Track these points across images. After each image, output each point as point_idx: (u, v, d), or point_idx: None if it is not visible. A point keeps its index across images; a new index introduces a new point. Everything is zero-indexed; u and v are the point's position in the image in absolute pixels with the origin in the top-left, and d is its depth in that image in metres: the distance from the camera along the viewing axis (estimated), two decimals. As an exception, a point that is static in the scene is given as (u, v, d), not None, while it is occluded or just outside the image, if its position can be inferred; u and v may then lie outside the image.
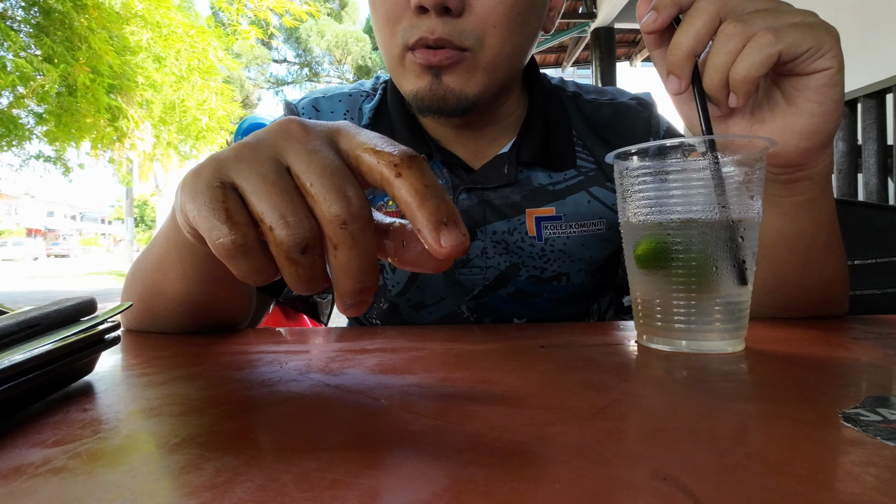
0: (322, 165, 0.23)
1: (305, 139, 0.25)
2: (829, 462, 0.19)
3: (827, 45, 0.36)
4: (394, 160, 0.23)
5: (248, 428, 0.23)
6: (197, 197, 0.24)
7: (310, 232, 0.23)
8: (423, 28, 0.49)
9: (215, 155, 0.25)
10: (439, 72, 0.52)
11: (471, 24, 0.50)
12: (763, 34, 0.35)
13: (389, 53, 0.54)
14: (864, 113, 2.46)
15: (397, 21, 0.51)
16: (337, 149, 0.25)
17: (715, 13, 0.36)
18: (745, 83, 0.36)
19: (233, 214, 0.23)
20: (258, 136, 0.26)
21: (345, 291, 0.24)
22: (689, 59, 0.37)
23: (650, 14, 0.39)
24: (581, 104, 0.66)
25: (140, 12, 5.73)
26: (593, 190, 0.61)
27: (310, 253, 0.23)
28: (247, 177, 0.24)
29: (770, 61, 0.35)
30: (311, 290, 0.25)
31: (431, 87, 0.52)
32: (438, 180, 0.59)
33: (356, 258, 0.23)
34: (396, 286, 0.62)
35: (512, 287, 0.61)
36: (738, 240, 0.34)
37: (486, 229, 0.60)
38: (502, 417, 0.23)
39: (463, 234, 0.23)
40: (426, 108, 0.54)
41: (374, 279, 0.24)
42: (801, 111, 0.39)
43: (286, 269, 0.24)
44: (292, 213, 0.23)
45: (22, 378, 0.23)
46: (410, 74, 0.53)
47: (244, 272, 0.24)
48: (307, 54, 18.56)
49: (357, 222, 0.23)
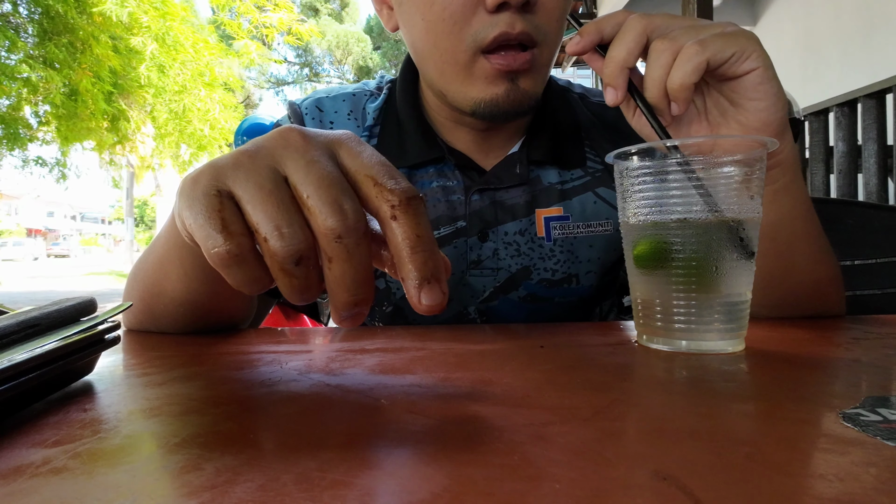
0: (320, 177, 0.23)
1: (304, 149, 0.24)
2: (829, 462, 0.18)
3: (749, 49, 0.39)
4: (392, 200, 0.24)
5: (248, 428, 0.23)
6: (194, 204, 0.23)
7: (304, 244, 0.23)
8: (503, 23, 0.48)
9: (214, 161, 0.25)
10: (516, 76, 0.51)
11: (542, 19, 0.50)
12: (690, 46, 0.39)
13: (451, 59, 0.52)
14: (864, 113, 2.46)
15: (464, 22, 0.49)
16: (336, 160, 0.25)
17: (642, 30, 0.40)
18: (681, 91, 0.39)
19: (228, 224, 0.23)
20: (257, 143, 0.26)
21: (339, 304, 0.24)
22: (622, 71, 0.41)
23: (574, 37, 0.43)
24: (588, 105, 0.66)
25: (146, 23, 5.73)
26: (600, 191, 0.61)
27: (304, 264, 0.23)
28: (244, 186, 0.23)
29: (700, 68, 0.38)
30: (306, 300, 0.24)
31: (509, 94, 0.52)
32: (451, 182, 0.60)
33: (351, 271, 0.23)
34: (401, 290, 0.62)
35: (523, 290, 0.61)
36: (738, 240, 0.34)
37: (497, 230, 0.60)
38: (502, 417, 0.23)
39: (443, 293, 0.24)
40: (499, 115, 0.53)
41: (369, 292, 0.24)
42: (746, 109, 0.42)
43: (280, 279, 0.23)
44: (287, 225, 0.23)
45: (22, 378, 0.23)
46: (480, 81, 0.52)
47: (238, 281, 0.24)
48: (307, 54, 18.57)
49: (352, 236, 0.23)
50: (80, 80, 5.60)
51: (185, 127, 6.89)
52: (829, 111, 2.66)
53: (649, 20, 0.40)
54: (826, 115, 2.69)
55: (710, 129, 0.44)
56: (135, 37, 5.72)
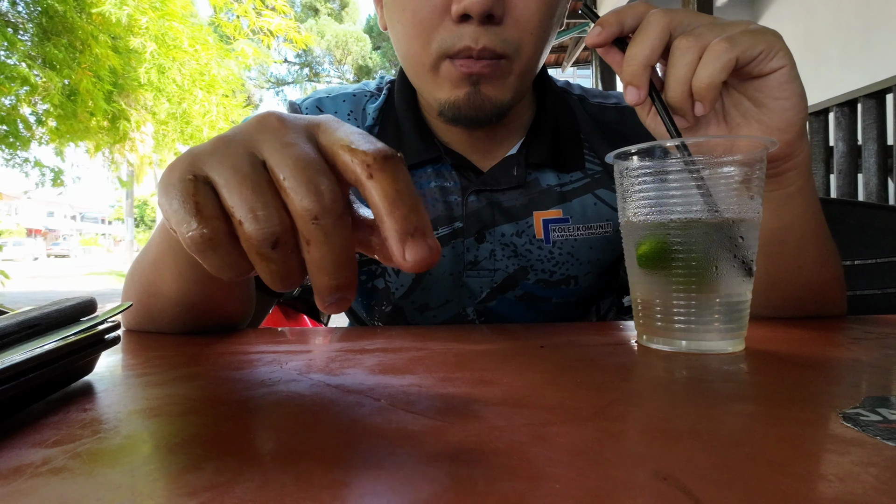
0: (295, 158, 0.23)
1: (282, 132, 0.24)
2: (829, 462, 0.18)
3: (777, 46, 0.38)
4: (367, 160, 0.23)
5: (248, 428, 0.23)
6: (169, 190, 0.23)
7: (280, 227, 0.22)
8: (468, 37, 0.49)
9: (192, 149, 0.25)
10: (478, 80, 0.51)
11: (510, 32, 0.50)
12: (718, 43, 0.37)
13: (419, 61, 0.53)
14: (864, 113, 2.46)
15: (432, 29, 0.50)
16: (316, 142, 0.24)
17: (665, 26, 0.38)
18: (709, 90, 0.38)
19: (202, 208, 0.22)
20: (235, 129, 0.25)
21: (321, 288, 0.23)
22: (644, 69, 0.39)
23: (595, 28, 0.41)
24: (587, 107, 0.66)
25: (145, 24, 5.72)
26: (599, 192, 0.61)
27: (281, 248, 0.22)
28: (219, 170, 0.23)
29: (729, 66, 0.37)
30: (287, 286, 0.24)
31: (469, 97, 0.52)
32: (449, 183, 0.60)
33: (329, 253, 0.22)
34: (400, 289, 0.62)
35: (520, 290, 0.61)
36: (739, 240, 0.34)
37: (494, 231, 0.60)
38: (502, 417, 0.23)
39: (430, 246, 0.22)
40: (462, 118, 0.53)
41: (350, 275, 0.23)
42: (770, 109, 0.41)
43: (258, 264, 0.23)
44: (262, 207, 0.22)
45: (22, 378, 0.23)
46: (446, 83, 0.52)
47: (215, 266, 0.23)
48: (307, 54, 18.56)
49: (329, 217, 0.22)
50: (80, 80, 5.58)
51: (185, 127, 6.88)
52: (829, 111, 2.66)
53: (672, 16, 0.39)
54: (826, 115, 2.69)
55: (728, 130, 0.43)
56: (135, 37, 5.72)
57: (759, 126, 0.41)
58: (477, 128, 0.55)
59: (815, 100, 2.71)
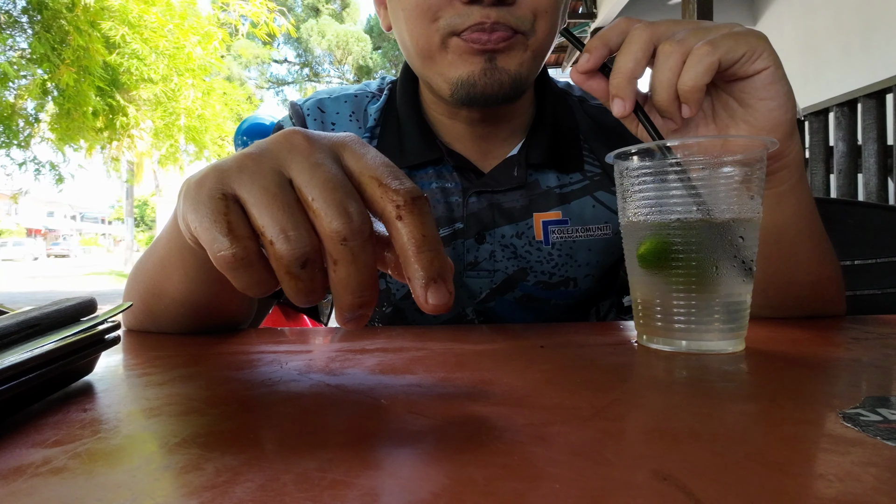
0: (324, 180, 0.23)
1: (309, 152, 0.24)
2: (829, 462, 0.19)
3: (760, 48, 0.39)
4: (397, 201, 0.24)
5: (248, 428, 0.23)
6: (199, 208, 0.23)
7: (310, 247, 0.23)
8: (478, 13, 0.48)
9: (218, 164, 0.25)
10: (493, 55, 0.50)
11: (523, 11, 0.49)
12: (700, 46, 0.38)
13: (426, 42, 0.51)
14: (864, 113, 2.46)
15: (438, 11, 0.49)
16: (341, 163, 0.25)
17: (648, 39, 0.39)
18: (693, 92, 0.38)
19: (234, 227, 0.23)
20: (261, 146, 0.26)
21: (344, 306, 0.24)
22: (630, 82, 0.40)
23: (583, 56, 0.42)
24: (587, 108, 0.66)
25: (115, 8, 5.65)
26: (598, 195, 0.61)
27: (310, 267, 0.23)
28: (249, 188, 0.23)
29: (712, 69, 0.38)
30: (311, 302, 0.25)
31: (485, 71, 0.50)
32: (450, 184, 0.60)
33: (356, 274, 0.23)
34: (401, 290, 0.62)
35: (519, 291, 0.61)
36: (739, 240, 0.34)
37: (494, 233, 0.60)
38: (502, 417, 0.23)
39: (450, 292, 0.24)
40: (477, 96, 0.51)
41: (373, 294, 0.24)
42: (757, 110, 0.41)
43: (286, 282, 0.24)
44: (293, 228, 0.23)
45: (22, 378, 0.23)
46: (456, 59, 0.51)
47: (244, 284, 0.24)
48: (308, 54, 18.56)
49: (357, 238, 0.23)
50: (62, 75, 5.50)
51: (176, 120, 6.82)
52: (829, 111, 2.66)
53: (654, 27, 0.39)
54: (826, 115, 2.69)
55: (717, 131, 0.44)
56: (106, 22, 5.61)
57: (747, 126, 0.42)
58: (491, 106, 0.54)
59: (815, 100, 2.71)
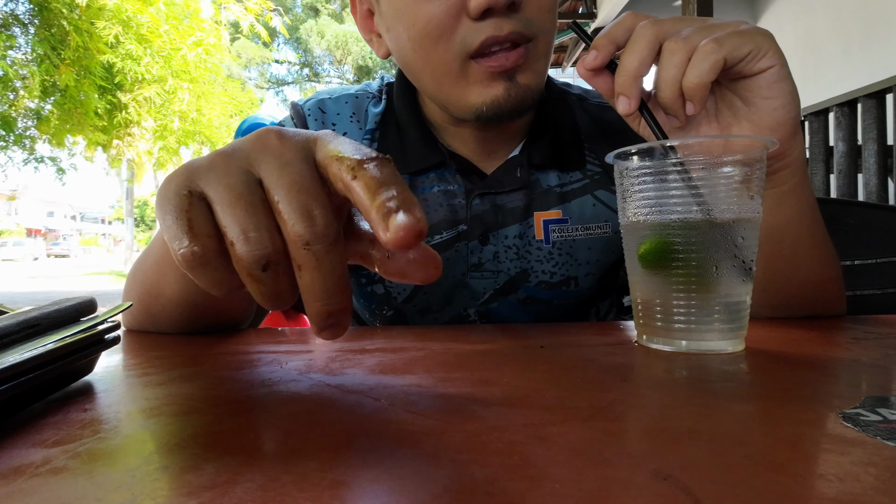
0: (291, 181, 0.23)
1: (280, 151, 0.24)
2: (829, 462, 0.18)
3: (765, 46, 0.39)
4: (351, 164, 0.22)
5: (248, 428, 0.23)
6: (164, 204, 0.23)
7: (271, 249, 0.22)
8: (490, 27, 0.47)
9: (191, 162, 0.25)
10: (513, 74, 0.50)
11: (531, 13, 0.49)
12: (706, 44, 0.38)
13: (444, 69, 0.50)
14: (864, 113, 2.46)
15: (451, 32, 0.48)
16: (312, 161, 0.24)
17: (653, 37, 0.39)
18: (698, 90, 0.38)
19: (195, 224, 0.22)
20: (235, 144, 0.25)
21: (313, 314, 0.23)
22: (635, 80, 0.40)
23: (591, 53, 0.42)
24: (586, 107, 0.66)
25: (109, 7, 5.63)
26: (598, 193, 0.61)
27: (272, 270, 0.22)
28: (215, 187, 0.23)
29: (717, 66, 0.37)
30: (278, 306, 0.24)
31: (510, 92, 0.50)
32: (453, 186, 0.61)
33: (320, 279, 0.22)
34: (402, 294, 0.62)
35: (522, 293, 0.61)
36: (739, 240, 0.34)
37: (497, 234, 0.60)
38: (502, 417, 0.23)
39: (416, 217, 0.21)
40: (503, 115, 0.51)
41: (343, 301, 0.23)
42: (761, 109, 0.41)
43: (249, 284, 0.23)
44: (254, 229, 0.22)
45: (22, 378, 0.23)
46: (477, 86, 0.50)
47: (205, 283, 0.23)
48: (308, 54, 18.55)
49: (320, 242, 0.22)
50: (62, 75, 5.49)
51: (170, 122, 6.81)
52: (829, 111, 2.66)
53: (660, 25, 0.39)
54: (826, 115, 2.69)
55: (720, 130, 0.43)
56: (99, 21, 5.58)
57: (750, 125, 0.41)
58: (515, 119, 0.54)
59: (815, 100, 2.71)
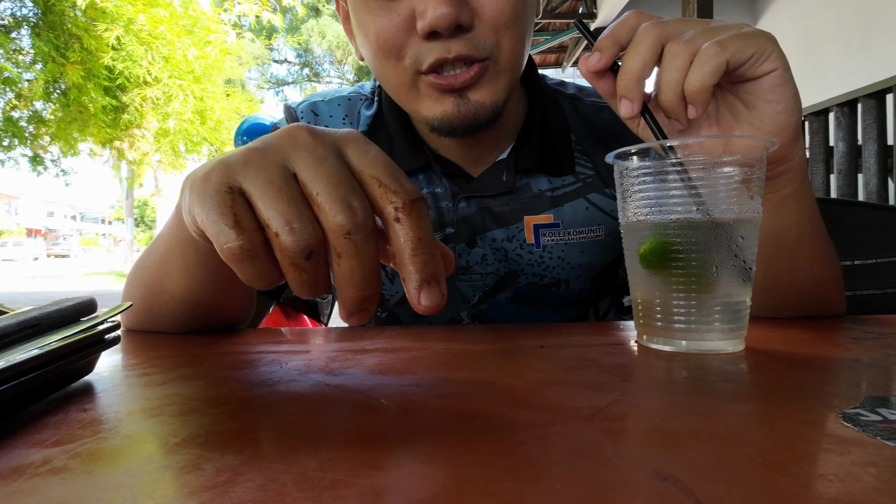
0: (329, 174, 0.24)
1: (313, 147, 0.25)
2: (829, 462, 0.19)
3: (769, 49, 0.38)
4: (396, 202, 0.24)
5: (248, 428, 0.23)
6: (205, 200, 0.24)
7: (314, 238, 0.23)
8: (439, 49, 0.47)
9: (224, 158, 0.26)
10: (463, 91, 0.50)
11: (484, 33, 0.48)
12: (709, 47, 0.37)
13: (397, 80, 0.51)
14: (864, 113, 2.46)
15: (401, 47, 0.49)
16: (344, 158, 0.25)
17: (656, 39, 0.38)
18: (700, 93, 0.38)
19: (240, 220, 0.24)
20: (266, 141, 0.26)
21: (347, 299, 0.24)
22: (638, 83, 0.39)
23: (594, 55, 0.41)
24: (580, 107, 0.64)
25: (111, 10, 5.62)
26: (591, 197, 0.61)
27: (314, 259, 0.24)
28: (254, 182, 0.24)
29: (720, 69, 0.37)
30: (314, 294, 0.25)
31: (459, 108, 0.50)
32: (439, 189, 0.60)
33: (359, 267, 0.24)
34: (395, 296, 0.62)
35: (510, 291, 0.61)
36: (739, 240, 0.34)
37: (485, 237, 0.60)
38: (502, 417, 0.23)
39: (442, 293, 0.25)
40: (456, 130, 0.51)
41: (376, 287, 0.25)
42: (762, 112, 0.40)
43: (290, 273, 0.24)
44: (297, 220, 0.23)
45: (22, 378, 0.23)
46: (427, 100, 0.51)
47: (249, 276, 0.24)
48: (308, 54, 18.55)
49: (360, 232, 0.24)
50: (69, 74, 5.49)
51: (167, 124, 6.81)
52: (829, 111, 2.66)
53: (662, 27, 0.39)
54: (826, 115, 2.69)
55: (720, 132, 0.43)
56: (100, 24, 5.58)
57: (751, 129, 0.41)
58: (475, 133, 0.54)
59: (815, 100, 2.71)
